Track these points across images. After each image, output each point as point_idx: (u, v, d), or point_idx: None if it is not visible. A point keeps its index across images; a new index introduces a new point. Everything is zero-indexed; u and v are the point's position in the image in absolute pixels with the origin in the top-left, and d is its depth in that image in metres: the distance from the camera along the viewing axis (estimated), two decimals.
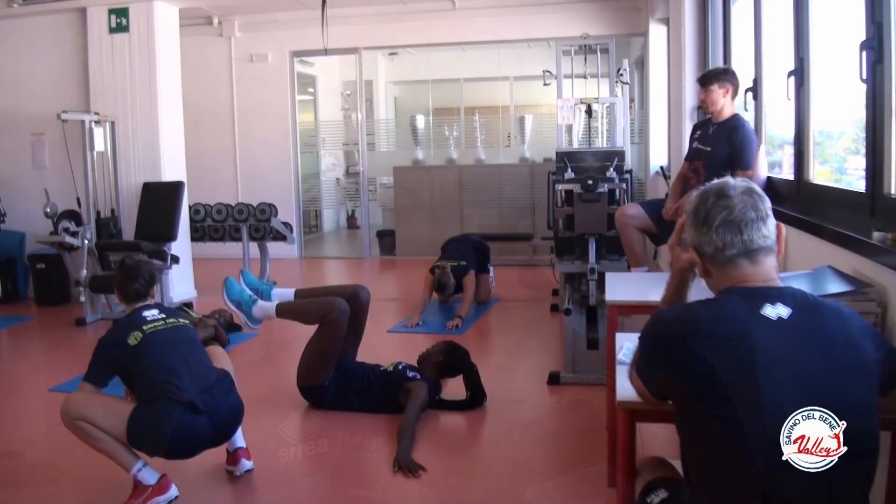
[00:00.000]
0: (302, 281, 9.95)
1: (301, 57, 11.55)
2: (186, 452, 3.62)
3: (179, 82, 8.83)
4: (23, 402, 5.68)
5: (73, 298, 8.58)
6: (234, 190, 11.11)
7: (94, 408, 3.52)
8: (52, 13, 8.87)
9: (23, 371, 6.56)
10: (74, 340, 7.15)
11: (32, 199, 8.61)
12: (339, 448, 4.32)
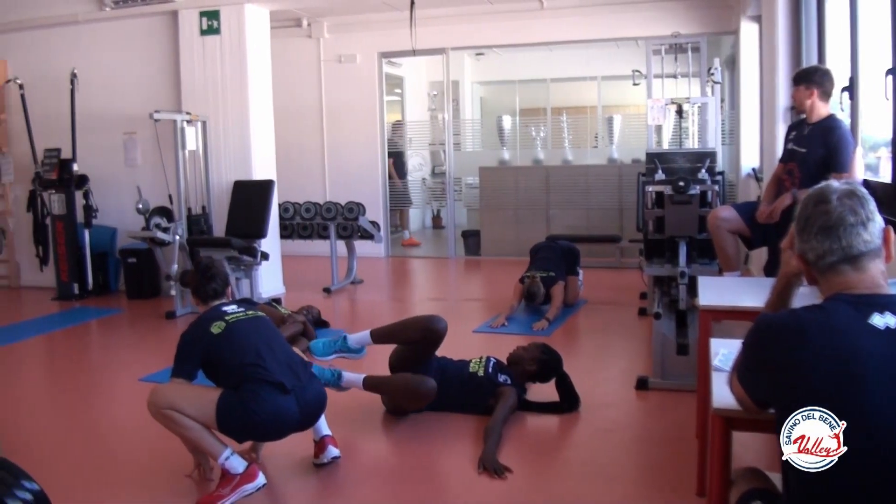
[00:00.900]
0: (388, 278, 10.01)
1: (389, 58, 11.60)
2: (274, 433, 3.68)
3: (270, 83, 8.97)
4: (114, 391, 5.86)
5: (163, 292, 8.80)
6: (322, 189, 11.23)
7: (181, 396, 3.59)
8: (145, 16, 9.11)
9: (114, 361, 6.75)
10: (164, 333, 7.30)
11: (124, 195, 8.86)
12: (424, 446, 4.31)
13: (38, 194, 9.23)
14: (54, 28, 9.57)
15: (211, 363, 3.71)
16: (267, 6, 8.84)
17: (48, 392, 6.04)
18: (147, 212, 8.08)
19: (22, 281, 10.02)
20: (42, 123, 9.36)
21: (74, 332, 7.80)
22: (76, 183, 8.91)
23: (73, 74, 8.97)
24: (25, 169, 9.59)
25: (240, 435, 3.69)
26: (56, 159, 8.99)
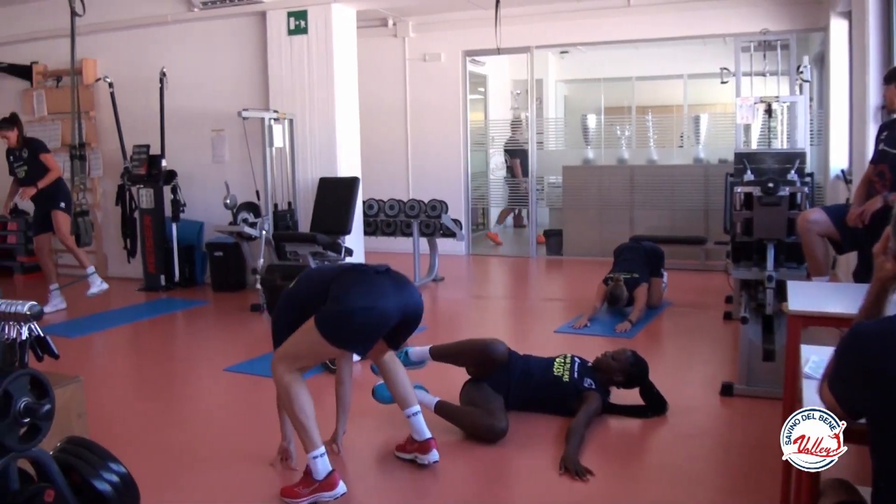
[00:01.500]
0: (469, 276, 10.01)
1: (473, 56, 11.62)
2: (377, 317, 3.53)
3: (356, 82, 9.03)
4: (199, 380, 6.01)
5: (249, 285, 8.93)
6: (405, 186, 11.30)
7: (292, 344, 3.60)
8: (233, 17, 9.26)
9: (199, 351, 6.92)
10: (249, 325, 7.42)
11: (211, 190, 9.04)
12: (506, 445, 4.31)
13: (127, 189, 9.46)
14: (144, 28, 9.82)
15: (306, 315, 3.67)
16: (354, 6, 8.91)
17: (134, 379, 6.23)
18: (235, 207, 8.24)
19: (109, 272, 10.29)
20: (131, 120, 9.62)
21: (161, 322, 8.01)
22: (165, 178, 9.13)
23: (162, 73, 9.17)
24: (114, 164, 9.87)
25: (345, 333, 3.51)
26: (145, 155, 9.21)
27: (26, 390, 2.51)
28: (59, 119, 10.57)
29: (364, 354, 3.70)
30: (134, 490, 2.88)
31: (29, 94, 10.88)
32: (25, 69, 10.88)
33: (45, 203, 8.11)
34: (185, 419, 5.06)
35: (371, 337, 3.57)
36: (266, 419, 4.90)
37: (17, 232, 10.63)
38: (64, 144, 10.26)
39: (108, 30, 9.87)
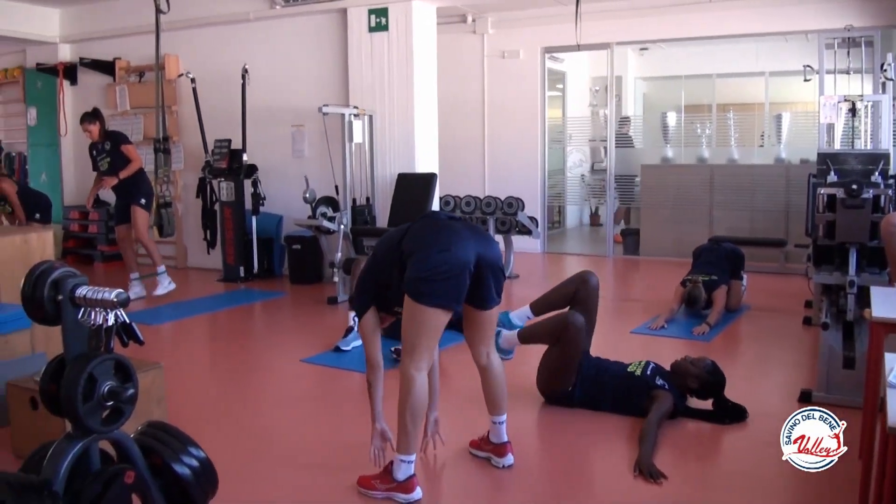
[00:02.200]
0: (543, 274, 9.96)
1: (552, 53, 11.56)
2: (455, 265, 3.45)
3: (435, 79, 9.09)
4: (276, 370, 6.07)
5: (326, 278, 9.04)
6: (481, 183, 11.30)
7: (406, 331, 3.56)
8: (314, 14, 9.39)
9: (276, 341, 6.99)
10: (325, 317, 7.50)
11: (290, 184, 9.20)
12: (578, 447, 4.30)
13: (208, 182, 9.64)
14: (226, 26, 10.05)
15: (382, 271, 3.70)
16: (434, 3, 8.96)
17: (212, 367, 6.36)
18: (314, 201, 8.36)
19: (189, 262, 10.59)
20: (212, 115, 9.81)
21: (239, 312, 8.15)
22: (245, 172, 9.27)
23: (244, 69, 9.32)
24: (195, 158, 10.09)
25: (429, 286, 3.43)
26: (226, 149, 9.37)
27: (111, 374, 2.58)
28: (141, 113, 10.87)
29: (458, 305, 3.54)
30: (213, 475, 2.95)
31: (112, 88, 11.19)
32: (108, 65, 11.21)
33: (127, 195, 8.32)
34: (262, 408, 5.14)
35: (456, 283, 3.46)
36: (342, 411, 4.98)
37: (98, 222, 10.97)
38: (146, 138, 10.54)
39: (191, 27, 10.11)
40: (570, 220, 13.85)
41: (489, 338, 3.87)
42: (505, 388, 3.95)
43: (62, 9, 11.63)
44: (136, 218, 8.27)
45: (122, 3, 10.84)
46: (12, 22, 11.13)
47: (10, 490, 2.35)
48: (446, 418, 3.93)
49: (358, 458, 3.97)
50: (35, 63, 11.93)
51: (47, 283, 2.62)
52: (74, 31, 11.64)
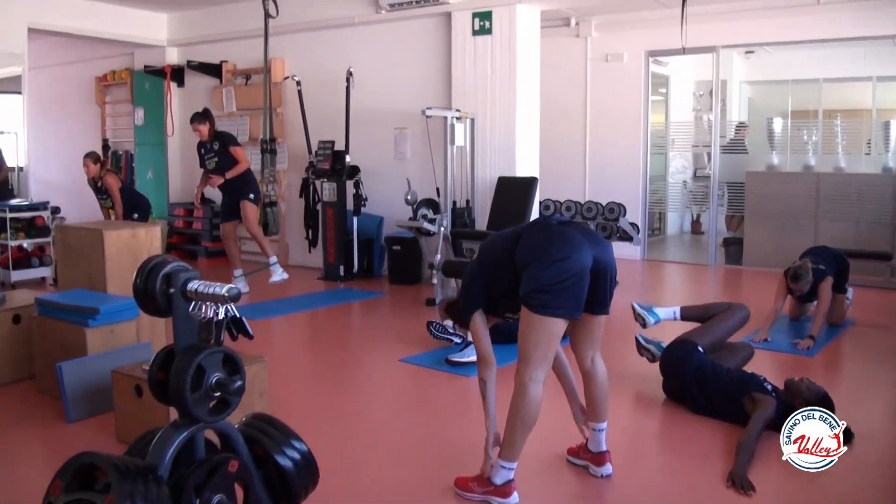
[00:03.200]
0: (643, 282, 9.85)
1: (656, 57, 11.42)
2: (572, 268, 3.40)
3: (538, 82, 9.06)
4: (375, 369, 6.14)
5: (424, 279, 9.10)
6: (581, 188, 11.23)
7: (523, 341, 3.52)
8: (418, 18, 9.47)
9: (375, 341, 7.07)
10: (424, 318, 7.48)
11: (392, 186, 9.31)
12: (675, 453, 4.23)
13: (311, 182, 9.81)
14: (331, 29, 10.22)
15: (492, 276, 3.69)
16: (538, 6, 8.93)
17: (312, 363, 6.44)
18: (415, 203, 8.42)
19: (290, 260, 10.78)
20: (316, 117, 9.98)
21: (338, 311, 8.28)
22: (348, 173, 9.41)
23: (348, 72, 9.47)
24: (299, 158, 10.30)
25: (548, 296, 3.38)
26: (330, 150, 9.53)
27: (219, 366, 2.65)
28: (247, 114, 11.12)
29: (578, 313, 3.48)
30: (314, 469, 2.98)
31: (218, 90, 11.48)
32: (215, 67, 11.52)
33: (234, 193, 8.54)
34: (361, 406, 5.19)
35: (575, 290, 3.41)
36: (440, 411, 5.00)
37: (203, 219, 11.25)
38: (251, 138, 10.77)
39: (297, 31, 10.30)
40: (670, 227, 13.65)
41: (597, 343, 3.83)
42: (607, 395, 3.90)
43: (170, 13, 12.02)
44: (247, 212, 8.50)
45: (229, 8, 11.13)
46: (121, 26, 11.58)
47: (116, 472, 2.42)
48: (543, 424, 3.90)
49: (455, 459, 4.00)
50: (143, 65, 12.33)
51: (159, 276, 2.68)
52: (182, 34, 12.02)
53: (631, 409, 4.81)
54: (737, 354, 5.17)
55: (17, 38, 10.32)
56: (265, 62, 7.29)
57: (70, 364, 4.79)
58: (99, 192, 9.22)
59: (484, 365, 3.73)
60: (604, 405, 3.89)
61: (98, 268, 5.59)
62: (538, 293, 3.39)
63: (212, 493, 2.60)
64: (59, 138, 13.91)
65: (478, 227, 8.77)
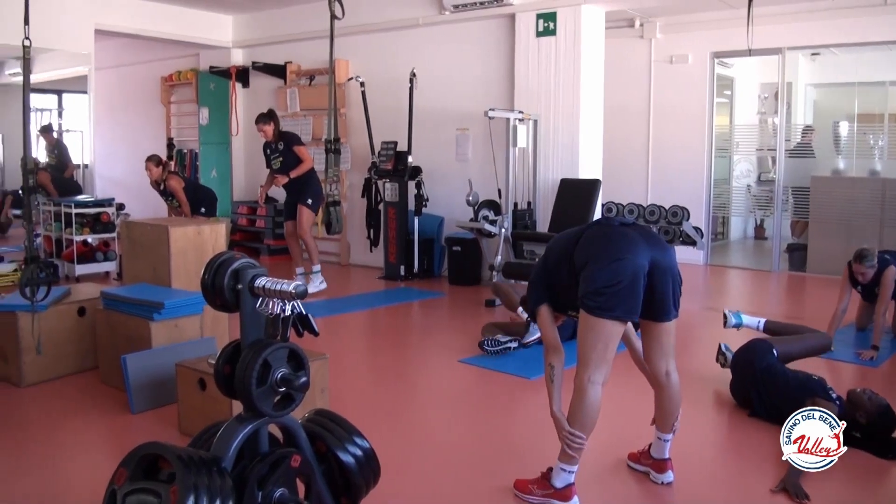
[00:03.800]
0: (704, 287, 9.70)
1: (721, 58, 11.27)
2: (627, 269, 3.36)
3: (602, 84, 9.02)
4: (434, 368, 6.15)
5: (484, 281, 9.11)
6: (644, 190, 11.12)
7: (581, 344, 3.49)
8: (482, 19, 9.48)
9: (435, 340, 7.09)
10: (483, 319, 7.51)
11: (452, 187, 9.34)
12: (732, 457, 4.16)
13: (373, 182, 9.90)
14: (395, 31, 10.30)
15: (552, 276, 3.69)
16: (603, 7, 8.90)
17: (372, 361, 6.48)
18: (476, 204, 8.43)
19: (351, 259, 10.87)
20: (379, 118, 10.06)
21: (398, 310, 8.32)
22: (410, 174, 9.46)
23: (412, 74, 9.51)
24: (361, 159, 10.40)
25: (604, 298, 3.35)
26: (392, 151, 9.60)
27: (284, 362, 2.67)
28: (311, 115, 11.21)
29: (634, 316, 3.46)
30: (376, 466, 3.00)
31: (282, 91, 11.60)
32: (280, 68, 11.64)
33: (296, 193, 8.66)
34: (420, 405, 5.21)
35: (630, 292, 3.37)
36: (500, 412, 4.98)
37: (266, 217, 11.39)
38: (314, 139, 10.87)
39: (361, 32, 10.36)
40: (734, 231, 13.47)
41: (669, 352, 3.74)
42: (678, 408, 3.82)
43: (235, 15, 12.17)
44: (302, 216, 8.59)
45: (294, 10, 11.25)
46: (187, 28, 11.78)
47: (180, 463, 2.45)
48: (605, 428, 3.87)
49: (514, 461, 3.99)
50: (208, 66, 12.51)
51: (228, 272, 2.72)
52: (247, 36, 12.19)
53: (693, 414, 4.74)
54: (810, 340, 5.15)
55: (85, 39, 10.53)
56: (330, 63, 7.30)
57: (135, 356, 4.88)
58: (164, 193, 9.36)
59: (552, 351, 3.67)
60: (672, 417, 3.82)
61: (163, 263, 5.68)
62: (594, 295, 3.37)
63: (274, 486, 2.63)
64: (124, 137, 14.17)
65: (539, 230, 8.76)
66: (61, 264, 9.51)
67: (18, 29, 5.04)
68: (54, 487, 3.91)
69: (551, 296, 3.71)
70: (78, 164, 12.28)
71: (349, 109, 10.75)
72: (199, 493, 2.40)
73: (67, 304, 5.66)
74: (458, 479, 3.94)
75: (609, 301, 3.34)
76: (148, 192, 10.42)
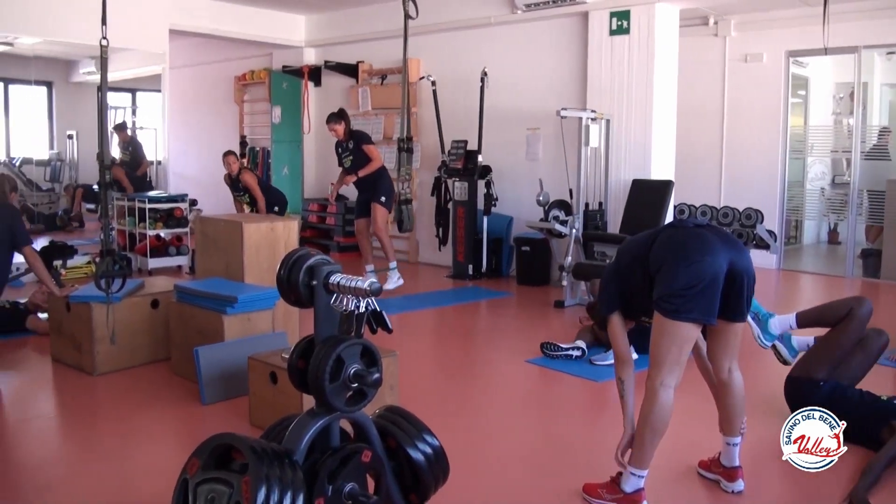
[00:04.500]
0: (775, 292, 9.54)
1: (796, 57, 11.05)
2: (705, 271, 3.31)
3: (675, 83, 8.91)
4: (500, 369, 6.10)
5: (553, 281, 9.07)
6: (716, 192, 10.94)
7: (654, 346, 3.46)
8: (555, 18, 9.42)
9: (502, 340, 7.05)
10: (552, 320, 7.50)
11: (522, 186, 9.34)
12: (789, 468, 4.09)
13: (443, 181, 9.91)
14: (467, 30, 10.29)
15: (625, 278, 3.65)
16: (678, 4, 8.78)
17: (439, 359, 6.50)
18: (547, 204, 8.38)
19: (420, 258, 10.92)
20: (449, 117, 10.08)
21: (466, 309, 8.32)
22: (480, 173, 9.45)
23: (483, 73, 9.50)
24: (431, 157, 10.42)
25: (681, 300, 3.30)
26: (462, 150, 9.62)
27: (357, 358, 2.69)
28: (382, 114, 11.28)
29: (712, 318, 3.39)
30: (445, 463, 3.01)
31: (354, 90, 11.70)
32: (352, 67, 11.72)
33: (368, 191, 8.70)
34: (487, 404, 5.19)
35: (708, 295, 3.32)
36: (568, 415, 4.97)
37: (336, 215, 11.48)
38: (385, 137, 10.94)
39: (433, 31, 10.38)
40: (807, 235, 13.21)
41: (734, 352, 3.67)
42: (743, 409, 3.74)
43: (307, 15, 12.30)
44: (376, 214, 8.64)
45: (366, 10, 11.33)
46: (261, 27, 11.94)
47: (253, 455, 2.48)
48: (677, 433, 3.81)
49: (582, 464, 3.97)
50: (281, 65, 12.65)
51: (303, 268, 2.76)
52: (319, 35, 12.31)
53: (761, 421, 4.65)
54: (868, 347, 4.71)
55: (159, 38, 10.75)
56: (404, 62, 7.36)
57: (207, 349, 4.96)
58: (235, 188, 9.49)
59: (621, 364, 3.66)
60: (739, 419, 3.74)
61: (236, 258, 5.76)
62: (671, 297, 3.32)
63: (344, 481, 2.65)
64: (197, 135, 14.42)
65: (610, 231, 8.67)
66: (134, 258, 9.72)
67: (95, 29, 5.15)
68: (126, 474, 4.00)
69: (623, 302, 3.66)
70: (151, 160, 12.51)
71: (420, 108, 10.79)
72: (270, 484, 2.43)
73: (141, 297, 5.79)
74: (526, 480, 3.92)
75: (687, 304, 3.30)
76: (219, 189, 10.59)
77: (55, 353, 5.94)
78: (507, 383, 5.71)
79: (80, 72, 16.41)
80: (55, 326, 5.94)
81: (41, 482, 3.92)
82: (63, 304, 5.76)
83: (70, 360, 5.76)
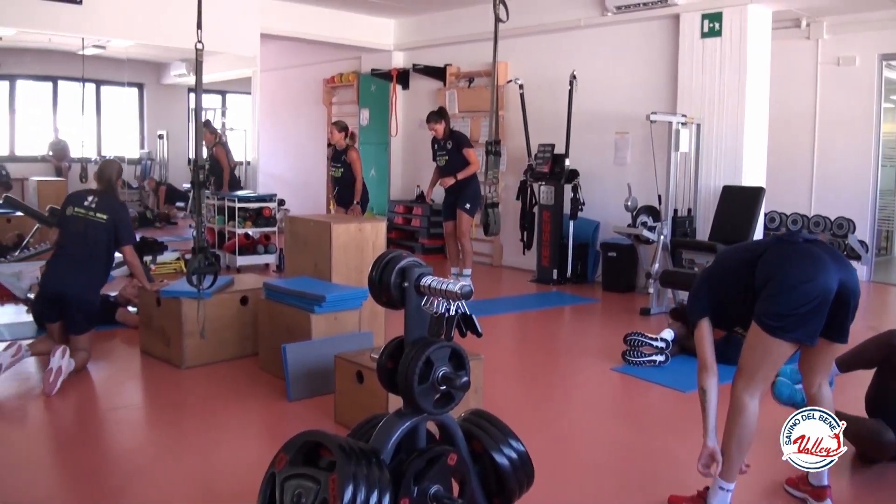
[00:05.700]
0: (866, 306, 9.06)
1: (889, 60, 10.70)
2: (817, 292, 3.22)
3: (767, 87, 8.73)
4: (584, 377, 6.04)
5: (639, 288, 8.99)
6: (807, 200, 10.68)
7: (749, 355, 3.40)
8: (645, 20, 9.34)
9: (586, 347, 7.03)
10: (638, 328, 7.28)
11: (609, 191, 9.28)
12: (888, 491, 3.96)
13: (529, 184, 9.87)
14: (555, 33, 10.28)
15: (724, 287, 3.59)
16: (770, 6, 8.61)
17: (522, 364, 6.46)
18: (635, 209, 8.30)
19: (503, 261, 10.91)
20: (536, 120, 10.04)
21: (550, 314, 8.28)
22: (567, 177, 9.41)
23: (572, 76, 9.43)
24: (517, 161, 10.41)
25: (788, 320, 3.24)
26: (549, 154, 9.57)
27: (446, 361, 2.69)
28: (469, 117, 11.30)
29: (815, 340, 3.32)
30: (530, 469, 2.99)
31: (442, 93, 11.75)
32: (439, 70, 11.79)
33: (456, 195, 8.73)
34: (571, 411, 5.17)
35: (816, 314, 3.25)
36: (653, 424, 4.91)
37: (422, 216, 11.52)
38: (471, 140, 10.92)
39: (521, 35, 10.36)
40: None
41: (827, 369, 3.62)
42: None
43: (396, 19, 12.38)
44: (461, 221, 8.70)
45: (454, 13, 11.37)
46: (350, 31, 12.08)
47: (341, 452, 2.50)
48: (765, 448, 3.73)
49: (668, 476, 3.92)
50: (370, 69, 12.78)
51: (395, 270, 2.77)
52: (408, 39, 12.40)
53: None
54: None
55: (251, 42, 10.91)
56: (493, 66, 7.37)
57: (294, 346, 5.03)
58: (336, 159, 9.48)
59: (705, 373, 3.52)
60: None
61: (325, 258, 5.85)
62: (777, 316, 3.25)
63: (430, 482, 2.65)
64: (286, 136, 14.63)
65: (699, 238, 8.52)
66: (223, 255, 9.90)
67: (188, 32, 5.26)
68: (211, 466, 4.09)
69: (714, 309, 3.59)
70: (240, 161, 12.73)
71: (507, 111, 10.78)
72: (357, 482, 2.45)
73: (231, 293, 5.92)
74: (609, 489, 3.90)
75: (794, 323, 3.24)
76: (308, 189, 10.71)
77: (144, 346, 6.12)
78: (591, 391, 5.67)
79: (171, 74, 16.83)
80: (145, 320, 6.11)
81: (128, 468, 4.04)
82: (154, 299, 5.92)
83: (159, 352, 5.91)
